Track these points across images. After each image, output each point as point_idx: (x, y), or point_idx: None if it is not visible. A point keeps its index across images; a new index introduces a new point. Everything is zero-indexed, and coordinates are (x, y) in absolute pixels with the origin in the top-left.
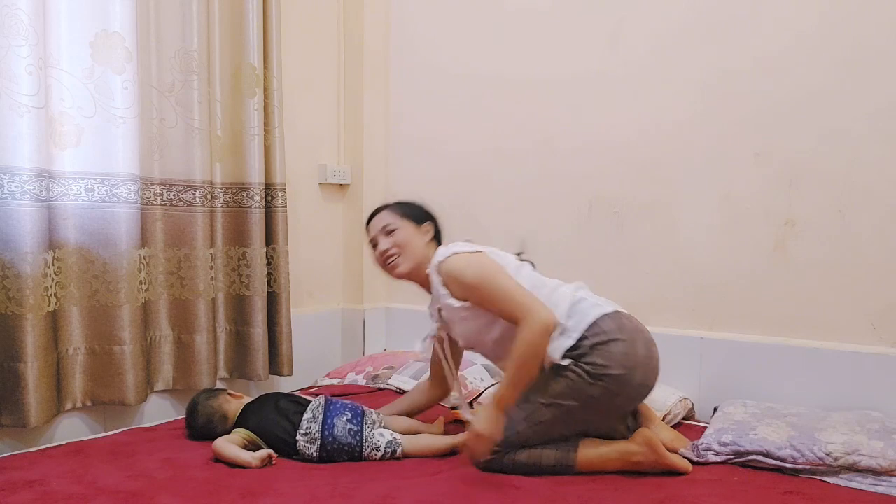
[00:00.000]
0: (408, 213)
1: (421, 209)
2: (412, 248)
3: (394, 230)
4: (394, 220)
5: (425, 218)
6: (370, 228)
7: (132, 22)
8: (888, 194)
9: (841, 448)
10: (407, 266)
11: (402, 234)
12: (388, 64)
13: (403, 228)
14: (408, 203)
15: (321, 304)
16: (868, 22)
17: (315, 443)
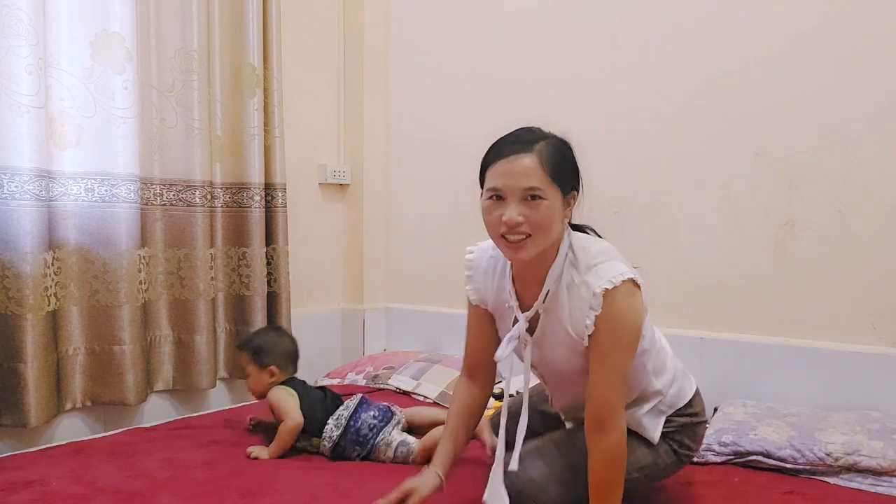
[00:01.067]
0: (560, 176)
1: (574, 169)
2: (551, 231)
3: (539, 197)
4: (543, 182)
5: (575, 185)
6: (503, 173)
7: (132, 22)
8: (888, 194)
9: (841, 448)
10: (532, 252)
11: (547, 211)
12: (388, 64)
13: (551, 200)
14: (561, 153)
15: (321, 304)
16: (868, 22)
17: (339, 428)
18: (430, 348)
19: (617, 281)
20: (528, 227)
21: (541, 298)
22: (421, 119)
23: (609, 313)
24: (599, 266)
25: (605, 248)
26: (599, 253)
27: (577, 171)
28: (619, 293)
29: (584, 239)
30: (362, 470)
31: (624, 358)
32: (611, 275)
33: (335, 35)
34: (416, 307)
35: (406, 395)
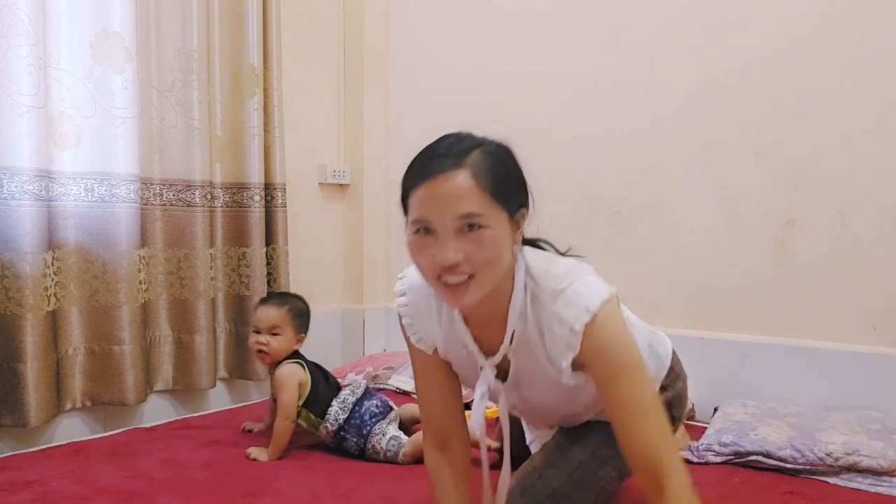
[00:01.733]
0: (503, 192)
1: (520, 181)
2: (500, 264)
3: (479, 226)
4: (483, 205)
5: (523, 200)
6: (429, 199)
7: (132, 22)
8: (888, 194)
9: (841, 448)
10: (479, 295)
11: (492, 241)
12: (388, 63)
13: (496, 227)
14: (500, 163)
15: (321, 304)
16: (869, 22)
17: (345, 412)
18: None
19: (594, 308)
20: (469, 265)
21: (506, 340)
22: (421, 119)
23: (595, 349)
24: (569, 290)
25: (569, 266)
26: (565, 275)
27: (524, 181)
28: (601, 322)
29: (542, 259)
30: (362, 470)
31: (640, 388)
32: (585, 301)
33: (335, 35)
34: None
35: (406, 396)
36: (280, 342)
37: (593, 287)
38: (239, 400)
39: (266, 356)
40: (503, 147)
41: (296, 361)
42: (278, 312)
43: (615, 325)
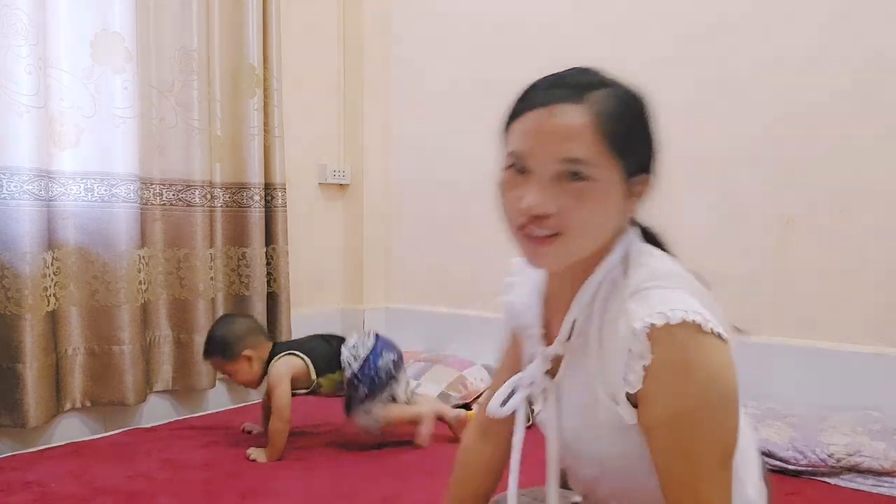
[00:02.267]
0: (625, 145)
1: (648, 138)
2: (597, 230)
3: (585, 177)
4: (594, 152)
5: (648, 163)
6: (531, 131)
7: (132, 22)
8: (889, 194)
9: (843, 449)
10: (561, 261)
11: (596, 198)
12: (388, 63)
13: (605, 183)
14: (630, 111)
15: (321, 304)
16: (869, 22)
17: (357, 361)
18: (431, 348)
19: (674, 317)
20: (560, 221)
21: (563, 331)
22: (421, 118)
23: (664, 366)
24: (654, 291)
25: (672, 270)
26: (661, 276)
27: (653, 143)
28: (677, 338)
29: (647, 252)
30: (362, 470)
31: (713, 445)
32: (666, 306)
33: (335, 35)
34: (417, 307)
35: None
36: (240, 378)
37: (688, 304)
38: (238, 400)
39: (248, 384)
40: (638, 96)
41: (286, 354)
42: (211, 364)
43: (698, 343)
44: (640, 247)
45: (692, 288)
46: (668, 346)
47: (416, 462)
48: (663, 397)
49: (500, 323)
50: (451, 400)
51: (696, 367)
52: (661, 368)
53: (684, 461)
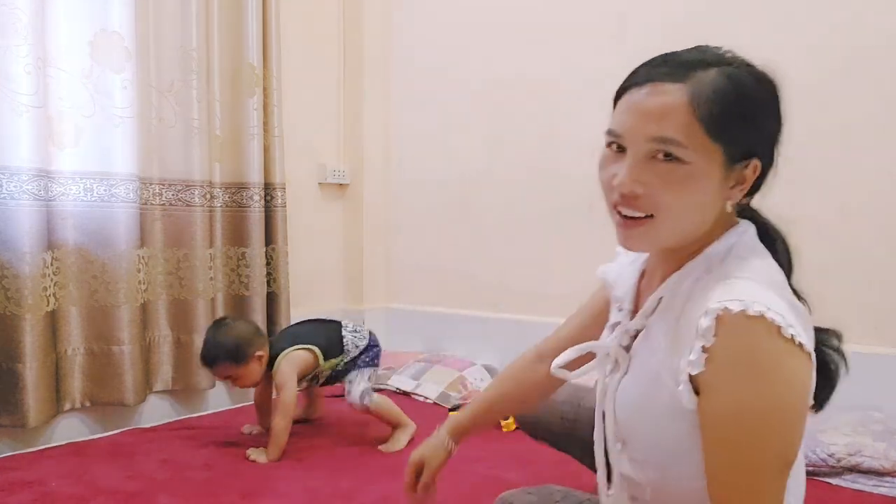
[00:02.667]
0: (725, 126)
1: (761, 120)
2: (688, 213)
3: (677, 158)
4: (688, 130)
5: (761, 148)
6: (629, 109)
7: (131, 21)
8: (890, 193)
9: (844, 449)
10: (650, 244)
11: (688, 179)
12: (387, 63)
13: (699, 165)
14: (739, 92)
15: (321, 304)
16: (869, 22)
17: (364, 340)
18: (430, 348)
19: (751, 309)
20: (649, 203)
21: (648, 306)
22: (421, 118)
23: (728, 352)
24: (741, 282)
25: (770, 273)
26: (757, 271)
27: (768, 126)
28: (745, 326)
29: (753, 249)
30: (362, 470)
31: (773, 454)
32: (745, 295)
33: (335, 34)
34: (416, 307)
35: (406, 396)
36: (245, 380)
37: (774, 304)
38: (238, 400)
39: (254, 385)
40: (758, 77)
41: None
42: (217, 372)
43: (771, 351)
44: (750, 242)
45: (787, 297)
46: (735, 335)
47: None
48: (725, 389)
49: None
50: (451, 400)
51: (767, 367)
52: (724, 356)
53: (740, 465)
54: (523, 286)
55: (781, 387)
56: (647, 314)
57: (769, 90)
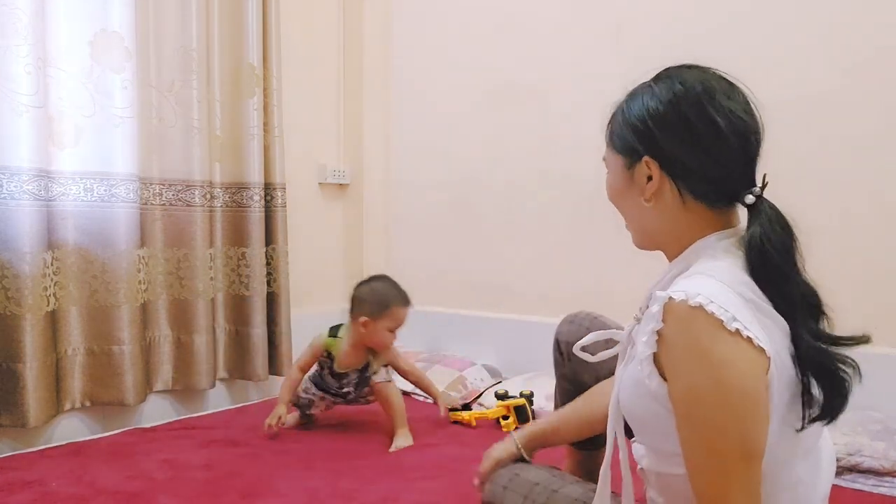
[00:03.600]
0: (617, 137)
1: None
2: (621, 207)
3: (607, 170)
4: (607, 148)
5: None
6: None
7: (131, 21)
8: (889, 193)
9: (843, 449)
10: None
11: (608, 182)
12: (387, 63)
13: (611, 170)
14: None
15: (321, 304)
16: (869, 22)
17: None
18: (431, 348)
19: (692, 299)
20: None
21: (644, 299)
22: (420, 118)
23: (673, 338)
24: (698, 276)
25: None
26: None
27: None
28: (686, 315)
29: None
30: (362, 470)
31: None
32: (695, 289)
33: (335, 34)
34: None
35: (407, 395)
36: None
37: (717, 294)
38: (238, 400)
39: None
40: (650, 90)
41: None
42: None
43: (712, 340)
44: (725, 245)
45: (749, 296)
46: (678, 321)
47: (416, 462)
48: (680, 371)
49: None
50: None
51: (711, 354)
52: (673, 340)
53: (703, 446)
54: (523, 286)
55: (727, 372)
56: (643, 308)
57: (650, 99)
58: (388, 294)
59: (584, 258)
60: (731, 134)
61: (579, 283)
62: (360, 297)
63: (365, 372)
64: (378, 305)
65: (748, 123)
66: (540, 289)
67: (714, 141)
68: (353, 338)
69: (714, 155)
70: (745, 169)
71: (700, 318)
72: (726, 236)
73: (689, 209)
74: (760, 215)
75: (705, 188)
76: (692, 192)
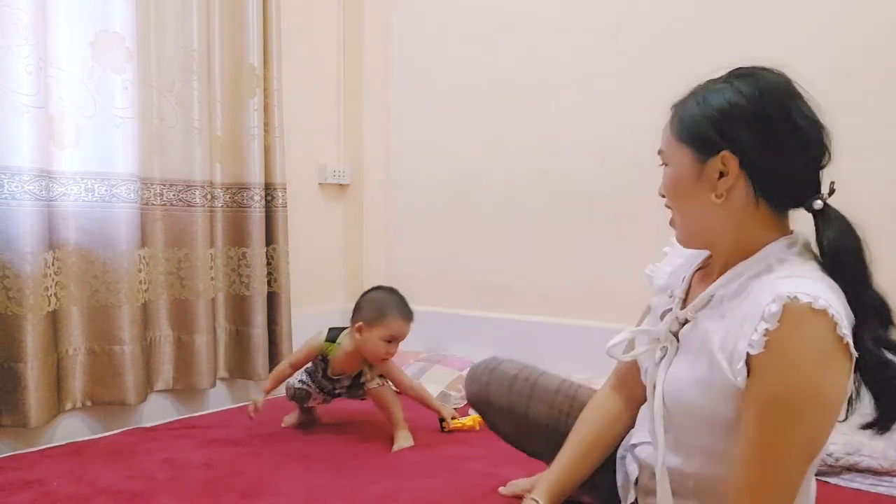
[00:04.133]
0: (688, 130)
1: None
2: (680, 202)
3: (664, 163)
4: (667, 140)
5: (727, 144)
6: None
7: (132, 22)
8: (888, 193)
9: (842, 448)
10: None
11: (668, 176)
12: (387, 63)
13: (674, 165)
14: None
15: (321, 304)
16: (867, 22)
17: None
18: (431, 348)
19: (817, 303)
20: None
21: (701, 300)
22: (421, 119)
23: (788, 338)
24: (807, 280)
25: (826, 276)
26: (817, 278)
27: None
28: (809, 317)
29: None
30: (362, 470)
31: (801, 442)
32: (818, 293)
33: (335, 35)
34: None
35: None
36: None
37: (835, 305)
38: (239, 400)
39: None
40: (731, 86)
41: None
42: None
43: (824, 345)
44: (805, 249)
45: (844, 303)
46: (798, 323)
47: (416, 462)
48: (774, 371)
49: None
50: (451, 400)
51: (817, 359)
52: (783, 341)
53: (770, 445)
54: (523, 286)
55: (824, 379)
56: (698, 308)
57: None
58: (387, 303)
59: (584, 258)
60: (810, 139)
61: (579, 283)
62: (360, 303)
63: (358, 379)
64: (375, 312)
65: (825, 131)
66: (540, 289)
67: (795, 143)
68: (350, 344)
69: (793, 157)
70: (815, 175)
71: (820, 322)
72: (793, 243)
73: (757, 210)
74: (832, 221)
75: (778, 190)
76: (765, 193)
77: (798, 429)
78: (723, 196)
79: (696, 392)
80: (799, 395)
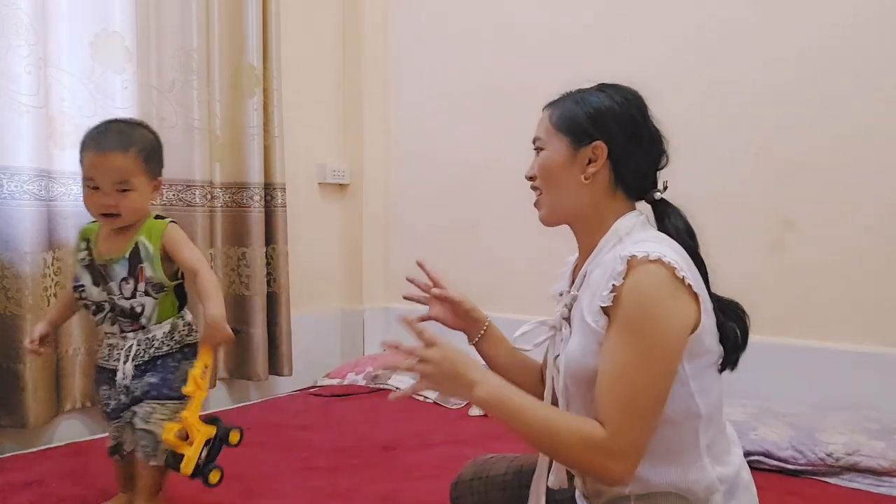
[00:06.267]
0: (564, 123)
1: (588, 116)
2: (551, 185)
3: (539, 148)
4: (545, 129)
5: (595, 136)
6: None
7: (132, 22)
8: (887, 193)
9: (842, 448)
10: (546, 212)
11: (542, 160)
12: (387, 63)
13: (550, 150)
14: (579, 98)
15: (321, 305)
16: (868, 25)
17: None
18: None
19: (653, 254)
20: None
21: (577, 279)
22: (420, 119)
23: (630, 287)
24: (646, 242)
25: (666, 238)
26: (658, 239)
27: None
28: (647, 268)
29: (640, 226)
30: (362, 470)
31: (640, 361)
32: (647, 247)
33: (335, 35)
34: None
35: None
36: (134, 200)
37: (670, 255)
38: (239, 400)
39: (115, 219)
40: (602, 92)
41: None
42: (126, 160)
43: (658, 281)
44: (637, 222)
45: (684, 256)
46: (638, 273)
47: (416, 462)
48: (621, 310)
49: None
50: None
51: (653, 293)
52: (627, 289)
53: (620, 376)
54: (522, 286)
55: (666, 310)
56: (577, 287)
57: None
58: (85, 136)
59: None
60: (659, 142)
61: None
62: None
63: (137, 260)
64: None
65: (664, 138)
66: (540, 289)
67: (650, 144)
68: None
69: (647, 154)
70: (657, 173)
71: (656, 268)
72: (637, 216)
73: (614, 195)
74: (667, 209)
75: (632, 180)
76: (622, 181)
77: (645, 358)
78: (589, 178)
79: (582, 359)
80: (642, 324)
